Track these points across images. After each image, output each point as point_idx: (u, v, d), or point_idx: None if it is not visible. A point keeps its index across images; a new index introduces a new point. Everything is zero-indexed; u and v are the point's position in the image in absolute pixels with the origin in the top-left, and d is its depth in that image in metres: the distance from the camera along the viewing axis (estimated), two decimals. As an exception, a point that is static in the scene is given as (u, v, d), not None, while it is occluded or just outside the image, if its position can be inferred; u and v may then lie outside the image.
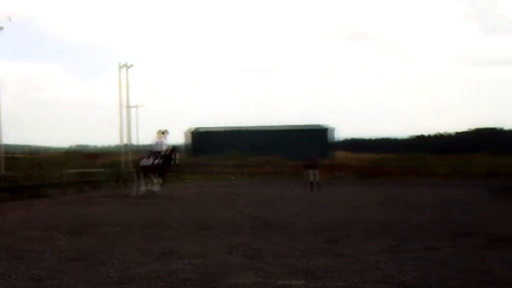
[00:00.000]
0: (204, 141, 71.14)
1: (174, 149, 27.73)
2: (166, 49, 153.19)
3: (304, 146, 39.77)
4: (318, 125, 77.27)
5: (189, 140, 75.09)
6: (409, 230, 14.68)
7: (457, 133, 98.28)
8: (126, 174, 36.87)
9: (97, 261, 10.55)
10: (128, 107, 45.67)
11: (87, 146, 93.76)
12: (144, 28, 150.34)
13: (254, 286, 8.60)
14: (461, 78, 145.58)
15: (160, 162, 26.34)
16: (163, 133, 27.14)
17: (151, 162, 26.45)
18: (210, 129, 75.49)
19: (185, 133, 77.78)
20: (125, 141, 47.45)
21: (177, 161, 27.34)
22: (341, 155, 72.06)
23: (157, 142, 26.86)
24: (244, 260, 10.60)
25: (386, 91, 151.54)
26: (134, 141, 54.61)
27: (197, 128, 76.35)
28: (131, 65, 45.44)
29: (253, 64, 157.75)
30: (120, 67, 44.95)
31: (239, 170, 49.30)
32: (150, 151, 27.13)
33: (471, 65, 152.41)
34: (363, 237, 13.52)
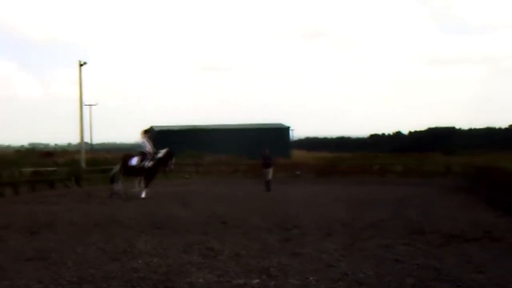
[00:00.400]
0: (160, 139, 70.59)
1: (171, 153, 26.54)
2: (125, 47, 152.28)
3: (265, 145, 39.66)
4: (280, 124, 77.35)
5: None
6: (364, 228, 14.79)
7: (411, 133, 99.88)
8: (82, 173, 36.50)
9: (51, 261, 10.44)
10: (82, 105, 45.14)
11: (43, 144, 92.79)
12: (103, 27, 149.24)
13: (209, 285, 8.60)
14: (417, 77, 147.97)
15: (149, 165, 25.36)
16: (145, 132, 26.32)
17: (139, 163, 25.47)
18: (165, 128, 75.02)
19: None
20: (80, 140, 47.03)
21: (172, 166, 26.56)
22: (297, 154, 72.35)
23: (143, 142, 25.98)
24: (200, 259, 10.58)
25: (342, 90, 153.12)
26: (89, 140, 54.17)
27: (152, 127, 75.85)
28: (85, 63, 45.04)
29: (211, 63, 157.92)
30: (81, 65, 44.52)
31: (195, 169, 49.04)
32: (140, 152, 25.92)
33: (426, 64, 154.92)
34: (319, 235, 13.58)
